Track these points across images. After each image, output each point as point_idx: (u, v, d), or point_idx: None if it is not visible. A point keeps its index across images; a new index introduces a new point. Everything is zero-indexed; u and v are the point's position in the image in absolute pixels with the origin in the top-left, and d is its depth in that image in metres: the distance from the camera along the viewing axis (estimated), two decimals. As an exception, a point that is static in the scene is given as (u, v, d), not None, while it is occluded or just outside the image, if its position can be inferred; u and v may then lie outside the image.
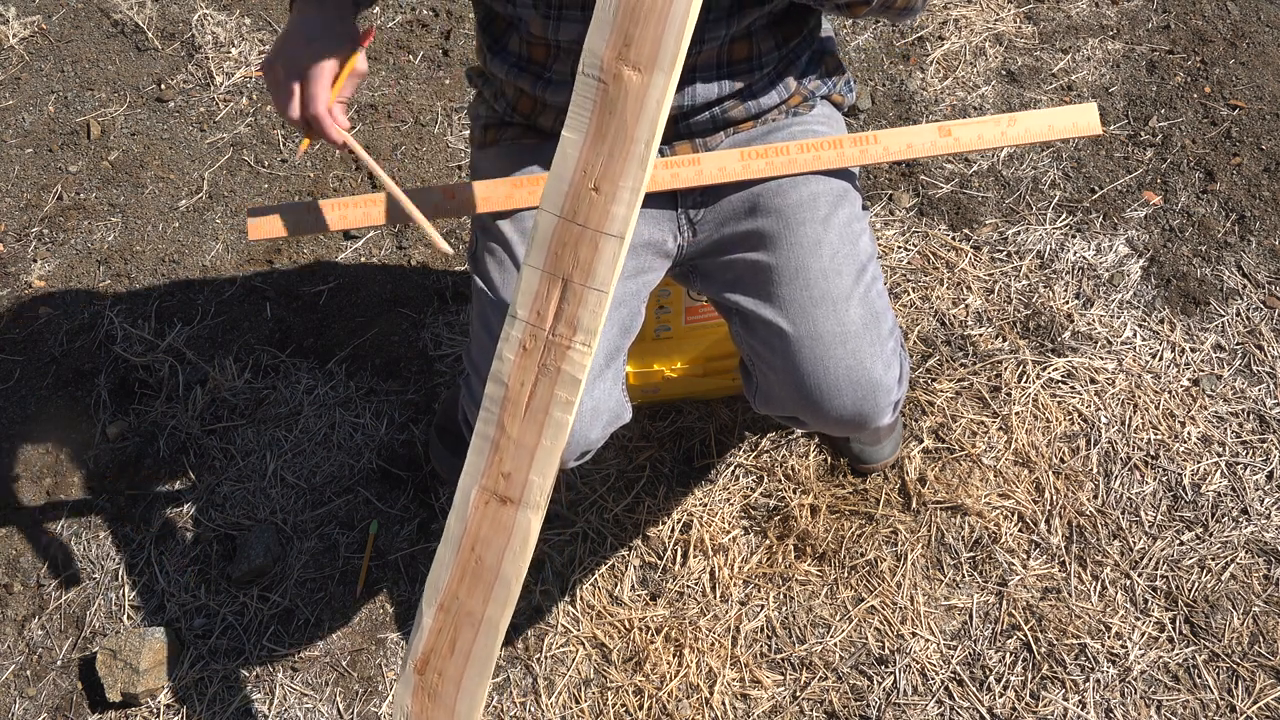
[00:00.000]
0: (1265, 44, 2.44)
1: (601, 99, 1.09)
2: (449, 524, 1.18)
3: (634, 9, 1.07)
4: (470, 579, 1.17)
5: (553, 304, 1.12)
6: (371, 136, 2.40)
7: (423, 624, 1.20)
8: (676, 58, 1.07)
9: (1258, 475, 1.89)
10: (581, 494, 1.93)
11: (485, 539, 1.17)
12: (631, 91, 1.08)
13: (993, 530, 1.85)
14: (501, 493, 1.16)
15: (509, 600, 1.16)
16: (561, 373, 1.12)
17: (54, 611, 1.86)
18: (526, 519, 1.15)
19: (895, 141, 1.41)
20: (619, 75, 1.08)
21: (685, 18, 1.06)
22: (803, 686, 1.74)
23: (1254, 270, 2.12)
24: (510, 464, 1.15)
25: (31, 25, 2.62)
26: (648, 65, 1.07)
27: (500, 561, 1.16)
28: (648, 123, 1.08)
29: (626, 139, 1.09)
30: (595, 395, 1.37)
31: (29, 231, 2.30)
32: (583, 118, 1.10)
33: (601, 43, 1.08)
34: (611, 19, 1.08)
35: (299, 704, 1.76)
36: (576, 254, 1.11)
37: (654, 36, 1.07)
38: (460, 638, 1.18)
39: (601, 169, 1.10)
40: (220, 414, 2.03)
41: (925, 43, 2.50)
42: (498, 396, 1.15)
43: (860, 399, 1.36)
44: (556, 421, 1.13)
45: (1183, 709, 1.69)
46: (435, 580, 1.19)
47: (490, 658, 1.17)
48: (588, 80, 1.10)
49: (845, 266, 1.37)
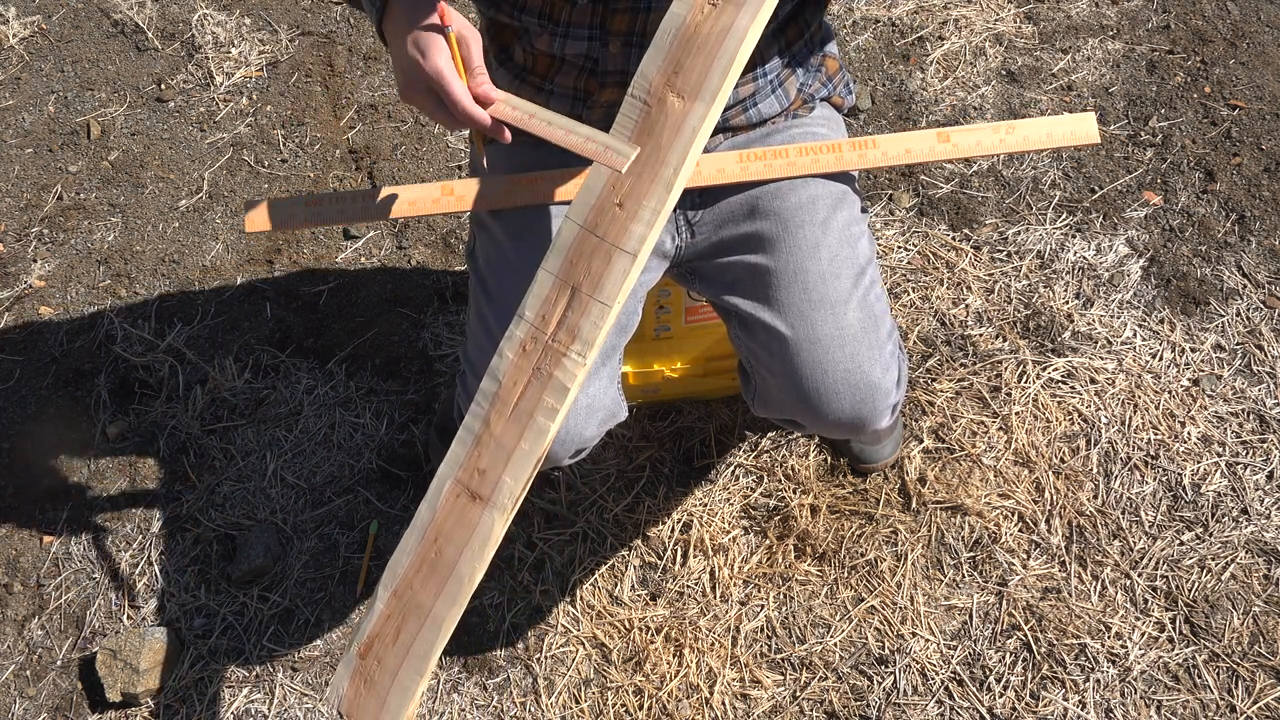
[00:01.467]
0: (1265, 44, 2.44)
1: (643, 120, 1.13)
2: (419, 510, 1.18)
3: (689, 40, 1.11)
4: (427, 570, 1.16)
5: (558, 310, 1.13)
6: (371, 136, 2.40)
7: (375, 608, 1.18)
8: (720, 91, 1.10)
9: (1258, 475, 1.89)
10: (581, 494, 1.93)
11: (448, 533, 1.16)
12: (672, 116, 1.12)
13: (993, 530, 1.85)
14: (474, 488, 1.16)
15: (459, 598, 1.15)
16: (553, 379, 1.13)
17: (54, 611, 1.86)
18: (491, 519, 1.15)
19: (894, 146, 1.41)
20: (663, 100, 1.12)
21: (735, 55, 1.10)
22: (803, 686, 1.74)
23: (1254, 270, 2.12)
24: (487, 461, 1.15)
25: (31, 25, 2.62)
26: (692, 94, 1.11)
27: (459, 557, 1.15)
28: (680, 148, 1.11)
29: (658, 161, 1.11)
30: (590, 393, 1.37)
31: (29, 231, 2.30)
32: (623, 135, 1.13)
33: (654, 68, 1.13)
34: (668, 47, 1.12)
35: (299, 704, 1.76)
36: (590, 265, 1.12)
37: (702, 67, 1.11)
38: (405, 629, 1.17)
39: (629, 187, 1.12)
40: (220, 414, 2.03)
41: (925, 43, 2.50)
42: (490, 392, 1.16)
43: (858, 402, 1.36)
44: (539, 427, 1.13)
45: (1183, 709, 1.69)
46: (394, 565, 1.18)
47: (430, 655, 1.15)
48: (634, 102, 1.14)
49: (844, 269, 1.37)
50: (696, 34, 1.11)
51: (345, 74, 2.51)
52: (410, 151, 2.38)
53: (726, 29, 1.10)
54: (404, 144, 2.39)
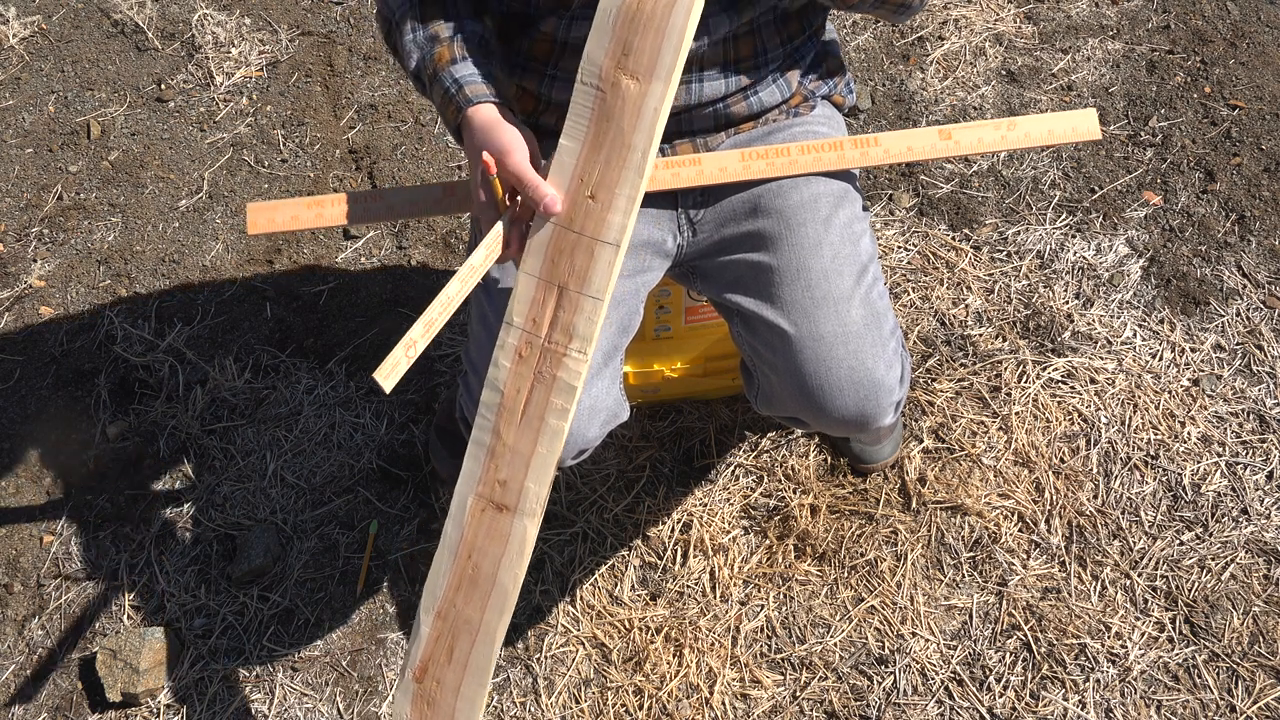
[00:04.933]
0: (1265, 44, 2.44)
1: (599, 107, 1.09)
2: (446, 531, 1.18)
3: (633, 18, 1.07)
4: (467, 586, 1.17)
5: (549, 311, 1.12)
6: (371, 136, 2.40)
7: (421, 632, 1.19)
8: (675, 67, 1.07)
9: (1258, 475, 1.89)
10: (581, 494, 1.93)
11: (482, 547, 1.16)
12: (629, 100, 1.08)
13: (993, 530, 1.85)
14: (498, 500, 1.15)
15: (506, 607, 1.16)
16: (557, 380, 1.12)
17: (54, 611, 1.86)
18: (523, 526, 1.15)
19: (895, 144, 1.41)
20: (617, 84, 1.08)
21: (684, 28, 1.06)
22: (803, 686, 1.74)
23: (1254, 270, 2.12)
24: (506, 471, 1.15)
25: (31, 25, 2.62)
26: (646, 74, 1.08)
27: (497, 569, 1.16)
28: (645, 131, 1.08)
29: (624, 147, 1.09)
30: (593, 393, 1.37)
31: (29, 231, 2.30)
32: (580, 125, 1.10)
33: (600, 51, 1.08)
34: (611, 28, 1.08)
35: (299, 704, 1.76)
36: (573, 261, 1.11)
37: (653, 46, 1.07)
38: (458, 645, 1.18)
39: (599, 177, 1.10)
40: (220, 414, 2.03)
41: (925, 43, 2.50)
42: (493, 403, 1.15)
43: (862, 399, 1.36)
44: (552, 429, 1.13)
45: (1183, 709, 1.69)
46: (433, 587, 1.19)
47: (488, 665, 1.17)
48: (586, 89, 1.10)
49: (846, 267, 1.37)
50: (640, 11, 1.07)
51: (345, 74, 2.50)
52: (410, 151, 2.38)
53: (671, 3, 1.07)
54: (404, 144, 2.39)
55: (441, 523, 1.89)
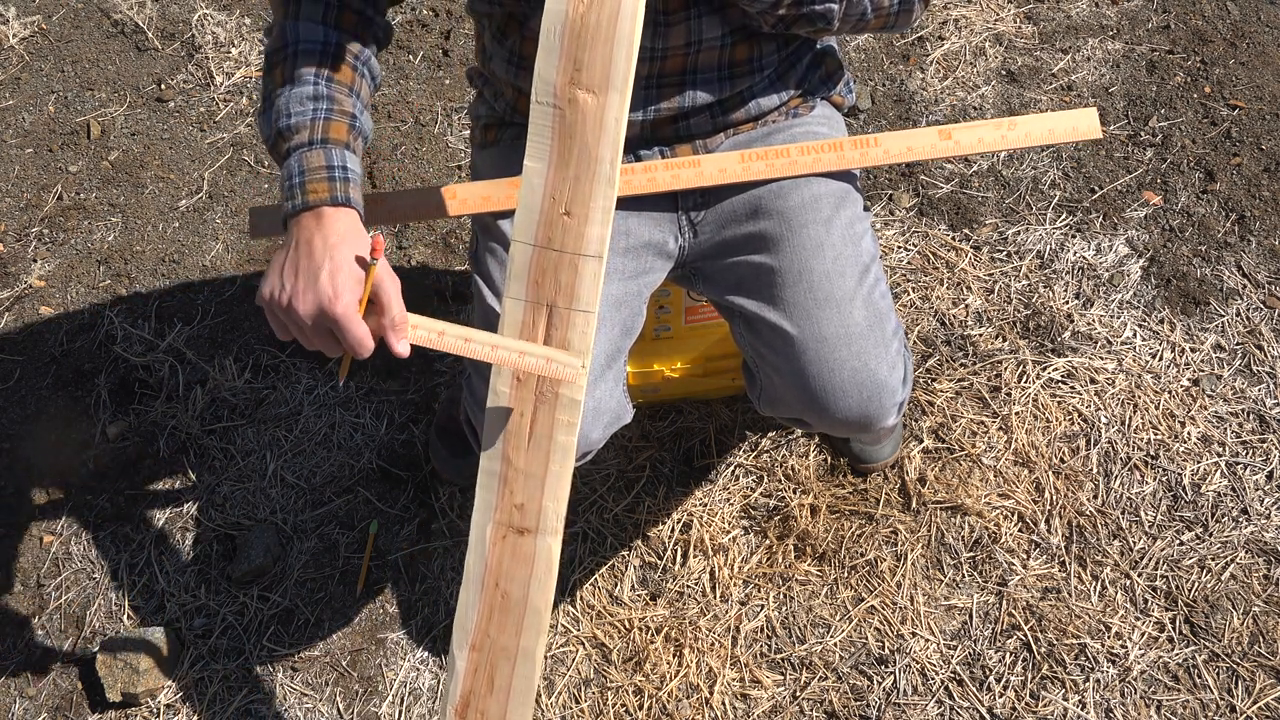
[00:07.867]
0: (1265, 44, 2.44)
1: (559, 125, 1.09)
2: (468, 564, 1.18)
3: (579, 34, 1.07)
4: (499, 614, 1.17)
5: (540, 332, 1.12)
6: (372, 137, 2.40)
7: (456, 668, 1.19)
8: (628, 75, 1.07)
9: (1258, 475, 1.89)
10: (581, 494, 1.93)
11: (508, 572, 1.16)
12: (589, 114, 1.08)
13: (993, 530, 1.85)
14: (518, 525, 1.16)
15: (541, 628, 1.16)
16: (560, 397, 1.12)
17: (54, 611, 1.86)
18: (547, 545, 1.15)
19: (895, 144, 1.41)
20: (574, 100, 1.08)
21: (632, 35, 1.06)
22: (803, 686, 1.74)
23: (1254, 270, 2.12)
24: (522, 495, 1.15)
25: (31, 25, 2.62)
26: (601, 86, 1.08)
27: (527, 591, 1.16)
28: (610, 143, 1.08)
29: (591, 160, 1.09)
30: (596, 396, 1.37)
31: (29, 231, 2.30)
32: (543, 144, 1.10)
33: (552, 69, 1.08)
34: (558, 45, 1.08)
35: (299, 704, 1.76)
36: (558, 279, 1.11)
37: (603, 58, 1.07)
38: (498, 674, 1.18)
39: (570, 193, 1.10)
40: (220, 414, 2.03)
41: (925, 43, 2.50)
42: (499, 430, 1.15)
43: (866, 400, 1.36)
44: (562, 446, 1.13)
45: (1183, 709, 1.69)
46: (463, 622, 1.18)
47: (531, 687, 1.17)
48: (543, 108, 1.09)
49: (848, 268, 1.37)
50: (584, 25, 1.07)
51: (345, 74, 2.50)
52: (410, 152, 2.37)
53: (615, 12, 1.06)
54: (404, 144, 2.39)
55: (442, 523, 1.89)
